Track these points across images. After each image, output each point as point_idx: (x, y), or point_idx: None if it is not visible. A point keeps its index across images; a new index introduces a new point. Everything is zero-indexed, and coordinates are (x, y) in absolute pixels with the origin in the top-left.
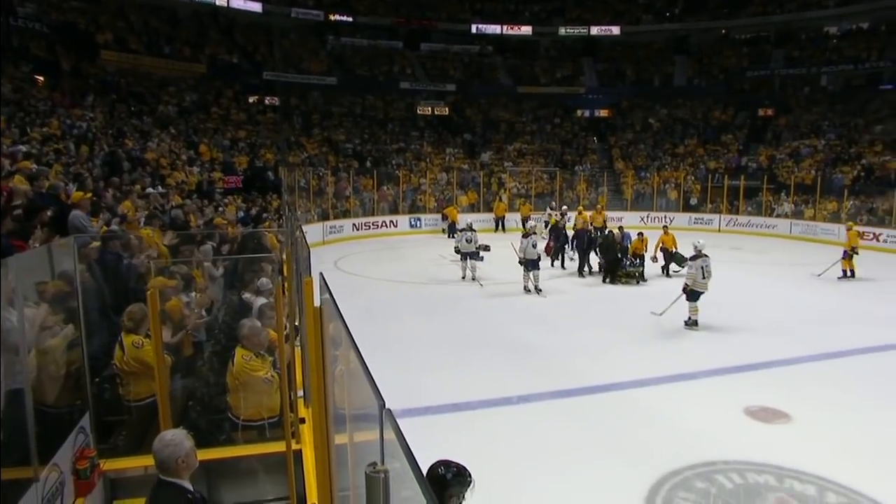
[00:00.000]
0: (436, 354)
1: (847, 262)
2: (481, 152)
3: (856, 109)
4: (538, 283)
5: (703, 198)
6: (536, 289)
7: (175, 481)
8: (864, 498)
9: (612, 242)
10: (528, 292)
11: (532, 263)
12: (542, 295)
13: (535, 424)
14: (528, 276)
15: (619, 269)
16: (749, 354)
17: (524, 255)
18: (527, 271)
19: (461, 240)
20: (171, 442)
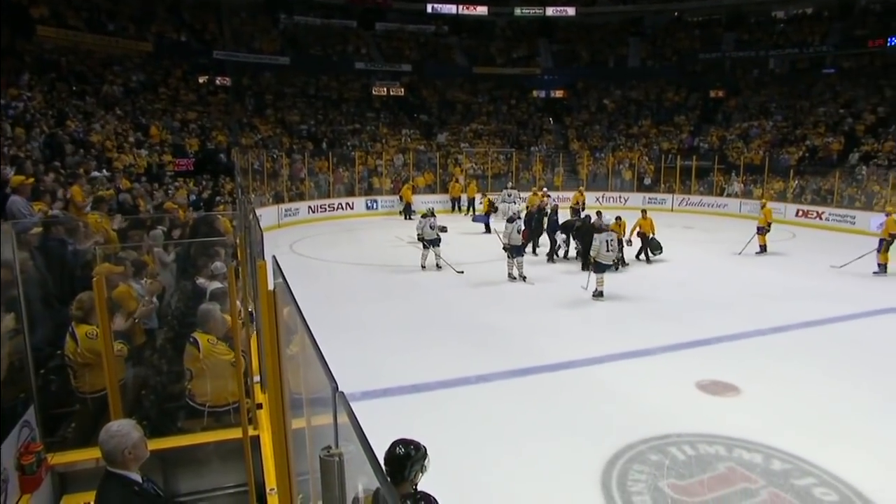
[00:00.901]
0: (394, 336)
1: (762, 237)
2: (438, 133)
3: (801, 92)
4: (523, 269)
5: (656, 178)
6: (521, 276)
7: (122, 473)
8: (805, 463)
9: (589, 227)
10: (512, 280)
11: (517, 250)
12: (529, 282)
13: (494, 403)
14: (513, 263)
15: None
16: (701, 330)
17: (509, 241)
18: (511, 258)
19: (424, 226)
20: (118, 433)
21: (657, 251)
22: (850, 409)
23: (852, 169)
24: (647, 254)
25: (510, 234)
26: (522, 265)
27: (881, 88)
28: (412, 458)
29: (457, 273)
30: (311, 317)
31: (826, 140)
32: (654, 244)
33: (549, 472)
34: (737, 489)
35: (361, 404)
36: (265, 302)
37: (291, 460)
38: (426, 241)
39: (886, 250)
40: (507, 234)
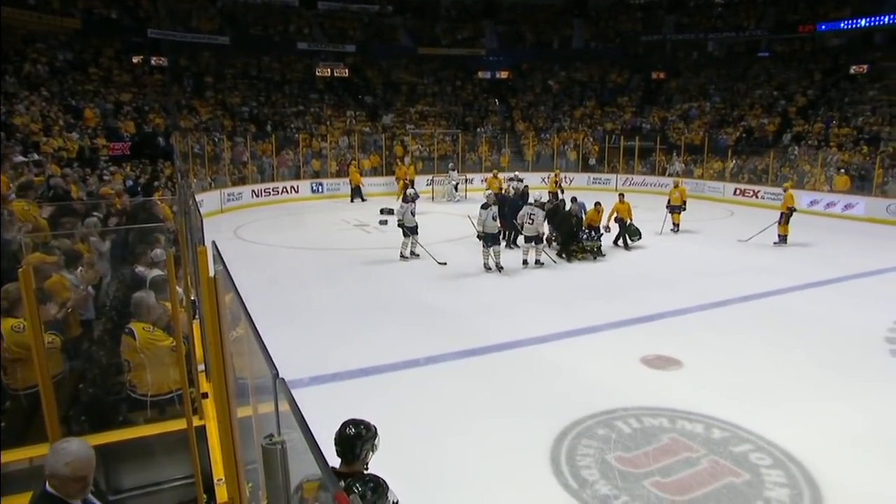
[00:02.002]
0: (342, 320)
1: (676, 216)
2: (383, 115)
3: (738, 75)
4: (499, 259)
5: (600, 158)
6: (497, 266)
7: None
8: (743, 431)
9: (566, 214)
10: (488, 270)
11: (492, 238)
12: (504, 273)
13: (444, 384)
14: (489, 253)
15: (575, 243)
16: (644, 307)
17: (483, 229)
18: (486, 247)
19: (406, 212)
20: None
21: (636, 237)
22: (783, 377)
23: (785, 149)
24: (625, 240)
25: (485, 222)
26: (499, 254)
27: (811, 72)
28: (363, 437)
29: (438, 264)
30: (258, 302)
31: (762, 121)
32: (632, 230)
33: (500, 450)
34: (679, 459)
35: (310, 390)
36: (206, 289)
37: (238, 449)
38: (406, 227)
39: (786, 222)
40: (482, 220)
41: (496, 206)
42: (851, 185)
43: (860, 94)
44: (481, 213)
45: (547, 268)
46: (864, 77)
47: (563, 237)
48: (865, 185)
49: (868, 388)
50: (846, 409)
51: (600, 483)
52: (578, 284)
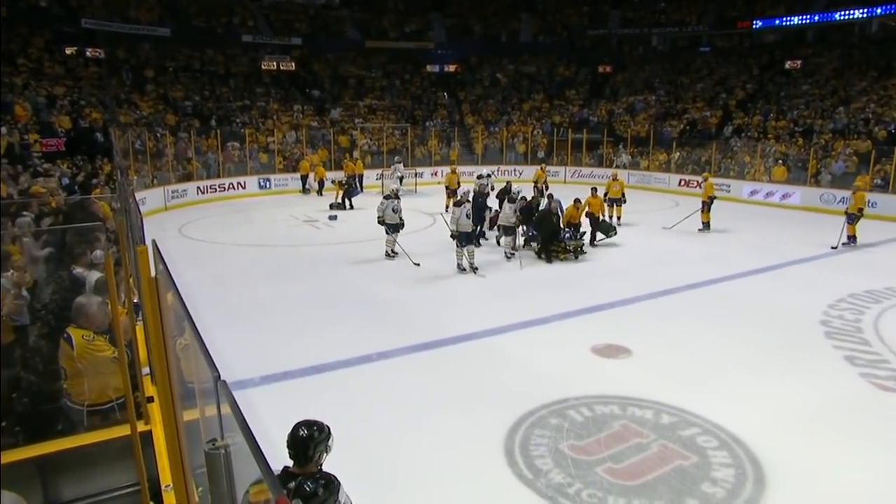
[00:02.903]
0: (293, 318)
1: (618, 209)
2: (331, 109)
3: (681, 69)
4: (474, 259)
5: (549, 150)
6: (472, 267)
7: None
8: (690, 415)
9: (546, 213)
10: (462, 271)
11: (466, 237)
12: (480, 274)
13: (397, 379)
14: (463, 253)
15: (556, 242)
16: (594, 297)
17: (457, 228)
18: (460, 247)
19: (387, 209)
20: None
21: (611, 232)
22: (727, 362)
23: (727, 141)
24: (592, 236)
25: (458, 220)
26: (474, 254)
27: (749, 67)
28: (315, 439)
29: (413, 264)
30: (206, 301)
31: (704, 114)
32: (604, 226)
33: (454, 443)
34: (630, 444)
35: (262, 389)
36: (147, 289)
37: (185, 454)
38: (388, 225)
39: (708, 210)
40: (455, 219)
41: (470, 204)
42: (788, 176)
43: (795, 88)
44: (454, 210)
45: (500, 262)
46: (798, 72)
47: (543, 237)
48: (801, 176)
49: (806, 369)
50: (786, 390)
51: (554, 472)
52: (529, 276)
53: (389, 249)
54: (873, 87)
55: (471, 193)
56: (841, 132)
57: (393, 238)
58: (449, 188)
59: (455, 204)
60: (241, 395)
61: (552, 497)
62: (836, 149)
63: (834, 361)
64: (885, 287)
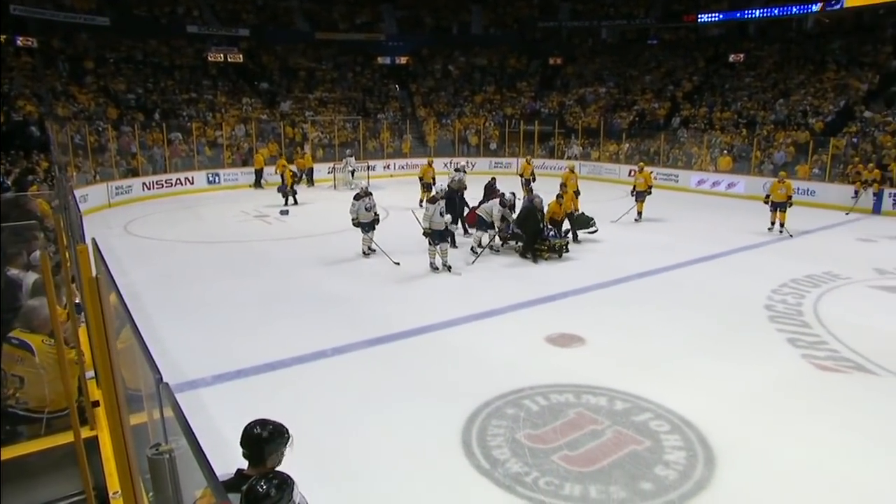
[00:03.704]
0: (245, 315)
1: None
2: (281, 102)
3: (630, 61)
4: (447, 258)
5: (501, 142)
6: (446, 266)
7: None
8: (643, 401)
9: (532, 210)
10: (435, 270)
11: (440, 235)
12: (456, 272)
13: (352, 374)
14: (436, 251)
15: (540, 241)
16: (547, 287)
17: (430, 226)
18: (433, 245)
19: (360, 208)
20: None
21: (590, 226)
22: (677, 347)
23: (675, 132)
24: (573, 232)
25: (432, 217)
26: (447, 253)
27: (695, 60)
28: (270, 439)
29: (393, 264)
30: (154, 300)
31: (653, 105)
32: (580, 220)
33: (411, 436)
34: (585, 432)
35: (215, 388)
36: (87, 290)
37: (133, 459)
38: (362, 223)
39: (643, 200)
40: (429, 216)
41: (444, 201)
42: (733, 165)
43: (738, 80)
44: (428, 207)
45: (459, 257)
46: (742, 65)
47: (528, 235)
48: (745, 165)
49: (751, 352)
50: (733, 373)
51: (511, 461)
52: (476, 269)
53: (366, 248)
54: (810, 80)
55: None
56: (782, 123)
57: (370, 237)
58: (423, 181)
59: (429, 200)
60: (192, 396)
61: (509, 486)
62: (778, 139)
63: (777, 344)
64: (824, 272)
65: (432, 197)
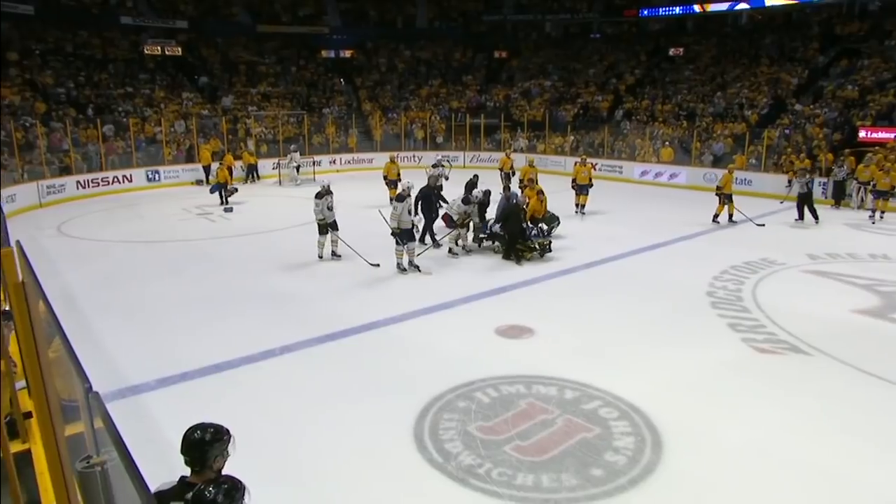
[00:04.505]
0: (189, 316)
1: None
2: (222, 97)
3: (573, 54)
4: (414, 257)
5: (447, 136)
6: (413, 265)
7: None
8: (592, 389)
9: (515, 209)
10: (403, 272)
11: (408, 235)
12: (426, 271)
13: (302, 372)
14: (403, 251)
15: (521, 241)
16: (496, 279)
17: (398, 225)
18: (401, 244)
19: (322, 207)
20: None
21: (553, 224)
22: (623, 335)
23: (618, 124)
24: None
25: (400, 216)
26: (414, 252)
27: (637, 53)
28: (211, 442)
29: (371, 266)
30: (93, 303)
31: (596, 98)
32: (546, 217)
33: (363, 432)
34: (537, 422)
35: (159, 393)
36: (14, 296)
37: (68, 473)
38: (327, 223)
39: (586, 194)
40: (396, 215)
41: (412, 199)
42: (675, 157)
43: (678, 74)
44: (396, 206)
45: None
46: (681, 59)
47: (511, 236)
48: (686, 157)
49: (695, 337)
50: (678, 358)
51: (464, 454)
52: (425, 263)
53: (322, 251)
54: (745, 74)
55: (413, 188)
56: (720, 115)
57: (333, 237)
58: (388, 179)
59: (397, 198)
60: (135, 401)
61: (463, 479)
62: (716, 131)
63: (719, 329)
64: (761, 258)
65: (400, 195)
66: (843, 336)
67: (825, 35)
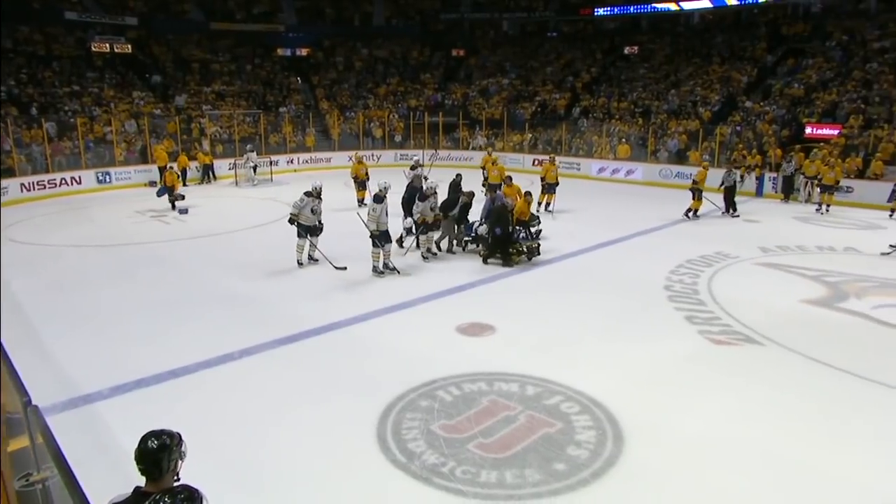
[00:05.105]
0: (144, 321)
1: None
2: (175, 95)
3: (531, 53)
4: (390, 259)
5: (406, 135)
6: (388, 266)
7: None
8: (553, 384)
9: (503, 209)
10: (380, 275)
11: (387, 237)
12: (405, 273)
13: (261, 375)
14: (379, 253)
15: (511, 244)
16: (456, 278)
17: (377, 227)
18: (378, 246)
19: (306, 206)
20: None
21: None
22: (583, 330)
23: (575, 122)
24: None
25: (378, 218)
26: (390, 254)
27: (593, 52)
28: (167, 448)
29: (337, 269)
30: (42, 311)
31: (554, 96)
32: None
33: (325, 434)
34: (499, 418)
35: (113, 402)
36: None
37: (10, 489)
38: (301, 226)
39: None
40: (375, 217)
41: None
42: (631, 153)
43: (633, 72)
44: (375, 207)
45: None
46: (636, 57)
47: (501, 240)
48: (642, 153)
49: (653, 331)
50: (637, 351)
51: (427, 453)
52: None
53: (301, 255)
54: (698, 72)
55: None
56: (674, 113)
57: (309, 241)
58: (357, 180)
59: (375, 199)
60: (88, 411)
61: (427, 478)
62: (671, 128)
63: (676, 322)
64: (715, 252)
65: (377, 195)
66: (794, 325)
67: (772, 35)
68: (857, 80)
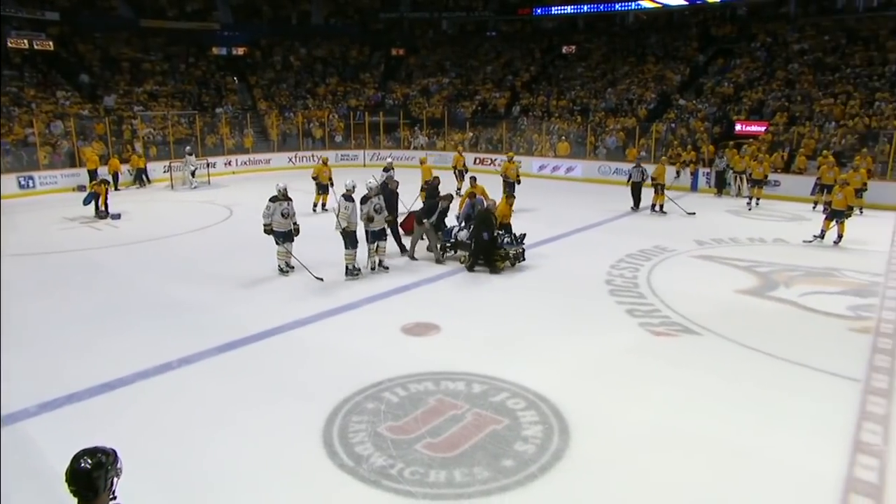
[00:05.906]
0: (75, 332)
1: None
2: (104, 95)
3: (471, 52)
4: (355, 259)
5: (346, 135)
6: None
7: None
8: (499, 381)
9: (487, 213)
10: (354, 276)
11: (353, 238)
12: (382, 268)
13: (202, 384)
14: (353, 254)
15: (496, 250)
16: (399, 278)
17: (348, 225)
18: (352, 248)
19: (275, 212)
20: None
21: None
22: (527, 326)
23: (515, 120)
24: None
25: (349, 216)
26: (354, 256)
27: (532, 51)
28: (102, 466)
29: (315, 278)
30: None
31: (494, 95)
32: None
33: (270, 443)
34: (446, 417)
35: (41, 419)
36: None
37: None
38: (276, 234)
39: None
40: (346, 215)
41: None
42: (571, 150)
43: (571, 71)
44: (347, 206)
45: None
46: (574, 56)
47: (485, 246)
48: (581, 150)
49: (596, 325)
50: (581, 346)
51: (375, 456)
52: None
53: (283, 263)
54: (633, 71)
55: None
56: (612, 111)
57: (286, 249)
58: (320, 182)
59: (361, 201)
60: (13, 430)
61: (375, 481)
62: (609, 125)
63: (618, 315)
64: (654, 246)
65: (364, 196)
66: (728, 315)
67: (703, 35)
68: (781, 80)
